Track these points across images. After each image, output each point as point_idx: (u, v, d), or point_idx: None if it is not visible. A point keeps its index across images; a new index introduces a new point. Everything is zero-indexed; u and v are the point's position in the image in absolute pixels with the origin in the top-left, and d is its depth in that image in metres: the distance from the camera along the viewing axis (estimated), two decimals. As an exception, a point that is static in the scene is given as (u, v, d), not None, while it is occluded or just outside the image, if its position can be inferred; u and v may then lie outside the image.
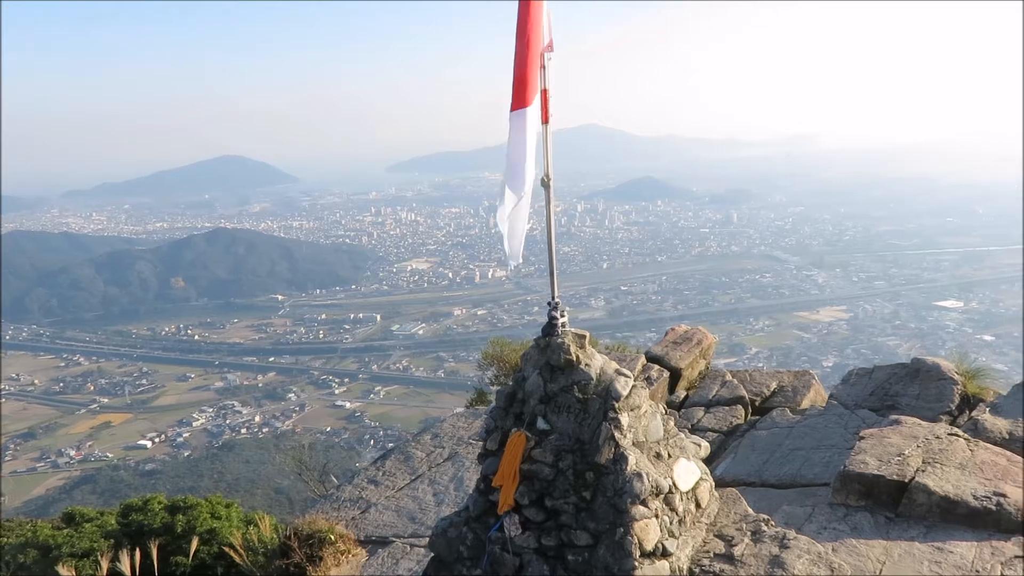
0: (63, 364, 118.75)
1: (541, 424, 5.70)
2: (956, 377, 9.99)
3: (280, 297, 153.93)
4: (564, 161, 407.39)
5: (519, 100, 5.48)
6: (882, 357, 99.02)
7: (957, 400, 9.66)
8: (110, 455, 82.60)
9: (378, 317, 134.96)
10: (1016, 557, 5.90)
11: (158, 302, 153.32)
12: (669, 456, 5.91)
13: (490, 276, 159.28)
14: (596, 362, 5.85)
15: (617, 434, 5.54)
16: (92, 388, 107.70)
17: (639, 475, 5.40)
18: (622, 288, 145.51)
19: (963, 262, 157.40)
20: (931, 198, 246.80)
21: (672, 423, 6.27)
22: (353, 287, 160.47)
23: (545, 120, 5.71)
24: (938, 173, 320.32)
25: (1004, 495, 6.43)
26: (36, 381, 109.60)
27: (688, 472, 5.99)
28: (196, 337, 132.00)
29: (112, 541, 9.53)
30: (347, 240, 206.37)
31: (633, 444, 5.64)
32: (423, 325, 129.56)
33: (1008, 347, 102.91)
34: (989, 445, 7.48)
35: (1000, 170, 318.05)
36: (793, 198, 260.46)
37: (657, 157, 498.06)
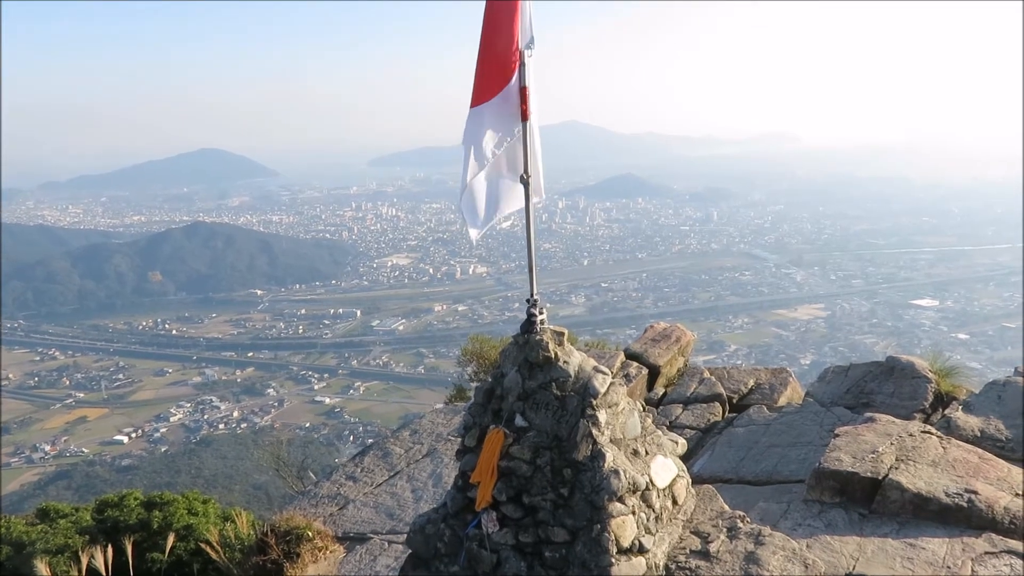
0: (38, 358, 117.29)
1: (519, 421, 5.71)
2: (930, 375, 10.12)
3: (259, 292, 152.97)
4: (545, 158, 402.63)
5: (482, 94, 5.57)
6: (859, 355, 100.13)
7: (931, 398, 9.78)
8: (86, 450, 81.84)
9: (358, 312, 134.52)
10: (987, 553, 5.99)
11: (135, 296, 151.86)
12: (646, 453, 5.94)
13: (471, 272, 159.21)
14: (574, 359, 5.87)
15: (595, 431, 5.57)
16: (68, 383, 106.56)
17: (616, 472, 5.43)
18: (602, 285, 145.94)
19: (938, 261, 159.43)
20: (907, 198, 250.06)
21: (650, 420, 6.31)
22: (333, 282, 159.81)
23: (524, 117, 5.74)
24: (913, 173, 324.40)
25: (975, 492, 6.52)
26: (10, 376, 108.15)
27: (665, 469, 6.02)
28: (174, 332, 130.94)
29: (87, 537, 9.45)
30: (327, 235, 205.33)
31: (611, 441, 5.67)
32: (403, 321, 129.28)
33: (982, 345, 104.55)
34: (961, 443, 7.58)
35: (974, 171, 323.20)
36: (772, 196, 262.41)
37: (638, 154, 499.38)
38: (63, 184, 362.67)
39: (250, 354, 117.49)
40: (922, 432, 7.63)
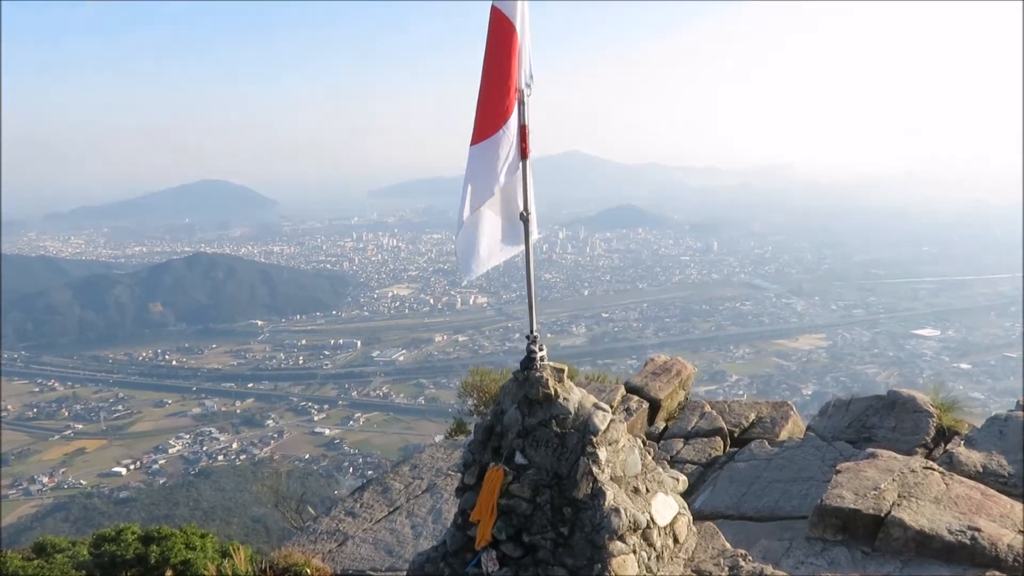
0: (37, 389, 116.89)
1: (519, 458, 5.70)
2: (931, 410, 10.08)
3: (260, 323, 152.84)
4: (546, 187, 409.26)
5: (482, 132, 5.62)
6: (861, 385, 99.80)
7: (932, 433, 9.74)
8: (83, 482, 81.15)
9: (358, 343, 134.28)
10: (991, 592, 5.93)
11: (135, 327, 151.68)
12: (647, 491, 5.92)
13: (471, 303, 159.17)
14: (574, 396, 5.87)
15: (595, 469, 5.55)
16: (67, 414, 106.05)
17: (617, 510, 5.40)
18: (603, 315, 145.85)
19: (939, 291, 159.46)
20: (907, 227, 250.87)
21: (650, 457, 6.29)
22: (334, 313, 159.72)
23: (525, 155, 5.79)
24: (912, 202, 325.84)
25: (979, 529, 6.47)
26: (9, 407, 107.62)
27: (666, 507, 5.99)
28: (174, 362, 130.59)
29: (84, 573, 9.38)
30: (328, 265, 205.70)
31: (611, 479, 5.65)
32: (404, 351, 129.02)
33: (984, 375, 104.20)
34: (964, 479, 7.53)
35: (974, 200, 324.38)
36: (772, 227, 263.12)
37: (639, 184, 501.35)
38: (66, 215, 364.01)
39: (250, 385, 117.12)
40: (924, 468, 7.59)
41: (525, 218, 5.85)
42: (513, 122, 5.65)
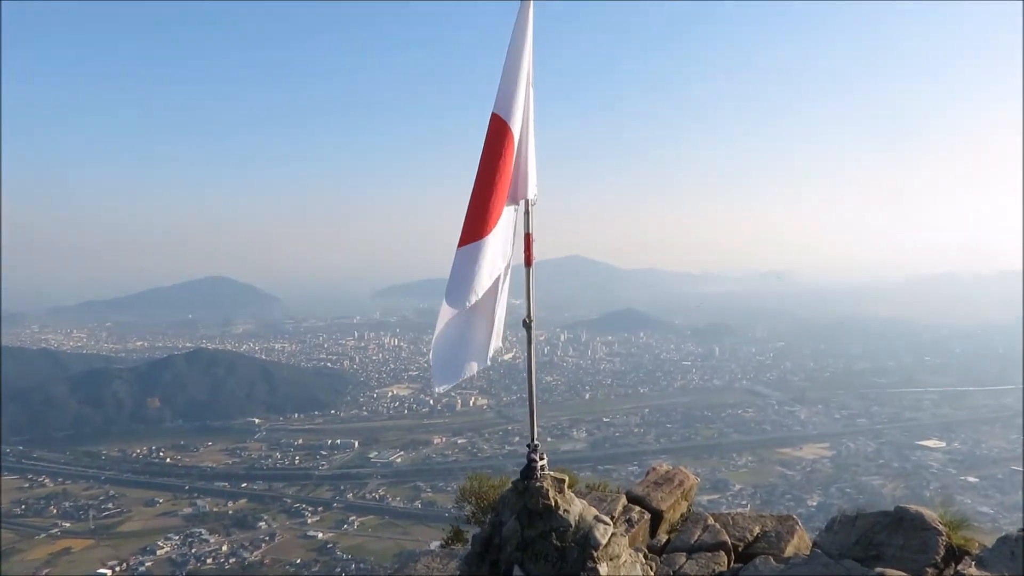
0: (27, 485, 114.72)
1: (517, 572, 5.55)
2: (940, 527, 9.84)
3: (257, 420, 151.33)
4: (548, 291, 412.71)
5: (470, 235, 5.64)
6: (867, 497, 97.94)
7: (942, 552, 9.47)
8: (66, 585, 78.75)
9: (356, 443, 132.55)
10: None
11: (132, 422, 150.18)
12: (649, 609, 5.73)
13: (471, 404, 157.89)
14: (575, 508, 5.76)
15: (595, 586, 5.39)
16: (55, 511, 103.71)
17: (618, 631, 5.22)
18: (604, 419, 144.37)
19: (943, 401, 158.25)
20: (909, 337, 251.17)
21: (652, 571, 6.12)
22: (332, 412, 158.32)
23: (528, 263, 5.85)
24: (914, 314, 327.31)
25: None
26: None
27: (668, 627, 5.79)
28: (168, 460, 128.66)
29: None
30: (328, 364, 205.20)
31: (612, 596, 5.48)
32: (401, 453, 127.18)
33: (992, 489, 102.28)
34: (976, 602, 7.29)
35: (977, 314, 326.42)
36: (773, 333, 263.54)
37: (639, 289, 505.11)
38: (71, 309, 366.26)
39: (244, 484, 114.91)
40: (935, 589, 7.36)
41: (528, 325, 5.88)
42: (501, 229, 5.69)
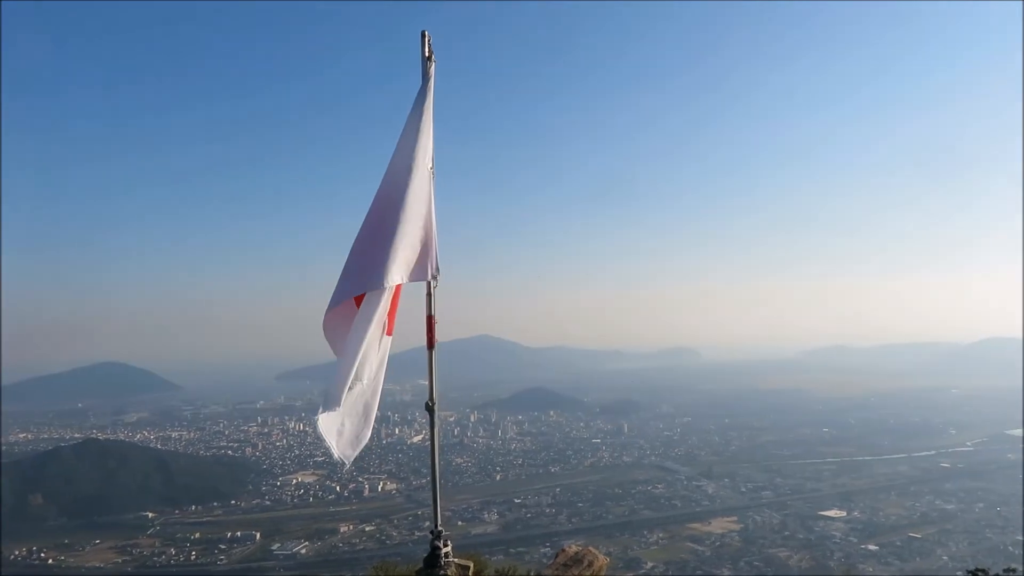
0: None
1: (423, 661, 5.47)
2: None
3: (151, 514, 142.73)
4: (458, 371, 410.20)
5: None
6: (775, 569, 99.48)
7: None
8: None
9: (257, 535, 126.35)
10: None
11: (11, 522, 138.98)
12: None
13: (380, 489, 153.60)
14: (481, 591, 5.74)
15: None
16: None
17: None
18: (515, 500, 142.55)
19: (841, 471, 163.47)
20: (806, 409, 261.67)
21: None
22: (233, 502, 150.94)
23: (431, 345, 5.96)
24: (810, 386, 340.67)
25: None
26: None
27: None
28: (50, 561, 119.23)
29: None
30: (229, 452, 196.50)
31: None
32: (306, 543, 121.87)
33: (891, 556, 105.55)
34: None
35: (862, 383, 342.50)
36: (680, 408, 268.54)
37: (547, 368, 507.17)
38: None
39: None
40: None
41: (431, 408, 5.95)
42: (375, 311, 5.80)
